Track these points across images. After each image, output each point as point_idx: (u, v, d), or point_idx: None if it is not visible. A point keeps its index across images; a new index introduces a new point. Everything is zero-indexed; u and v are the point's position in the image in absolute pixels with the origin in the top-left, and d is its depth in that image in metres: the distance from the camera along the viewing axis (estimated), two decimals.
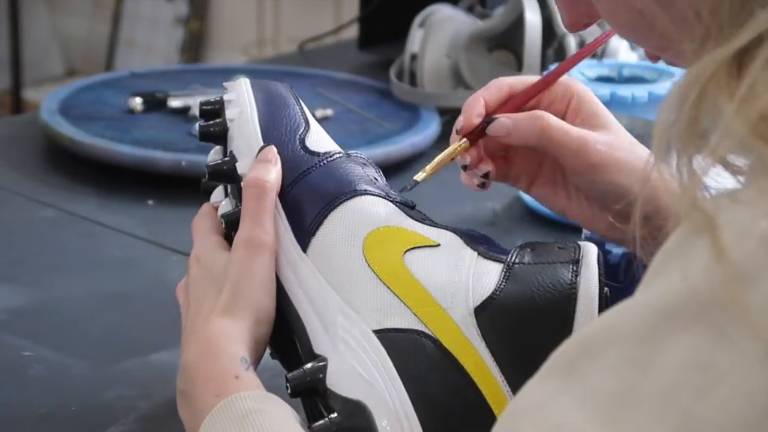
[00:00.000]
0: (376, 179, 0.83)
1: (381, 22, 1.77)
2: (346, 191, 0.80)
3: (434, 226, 0.81)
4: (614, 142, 0.85)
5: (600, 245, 1.01)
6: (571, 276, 0.76)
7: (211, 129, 0.84)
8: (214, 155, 0.85)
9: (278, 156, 0.82)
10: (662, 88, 1.03)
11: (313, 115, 0.86)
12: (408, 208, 0.82)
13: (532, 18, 1.43)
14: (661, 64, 1.07)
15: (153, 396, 0.91)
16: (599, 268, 0.77)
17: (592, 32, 1.48)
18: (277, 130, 0.83)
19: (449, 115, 1.48)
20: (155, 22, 3.84)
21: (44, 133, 1.39)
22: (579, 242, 0.79)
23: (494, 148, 0.88)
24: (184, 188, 1.27)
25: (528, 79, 0.89)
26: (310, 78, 1.61)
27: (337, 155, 0.83)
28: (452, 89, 1.49)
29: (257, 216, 0.80)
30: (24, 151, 1.40)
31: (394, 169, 1.36)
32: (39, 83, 3.85)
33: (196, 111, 1.42)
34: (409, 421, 0.73)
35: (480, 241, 0.80)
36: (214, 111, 0.85)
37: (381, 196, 0.81)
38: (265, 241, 0.79)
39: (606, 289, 0.77)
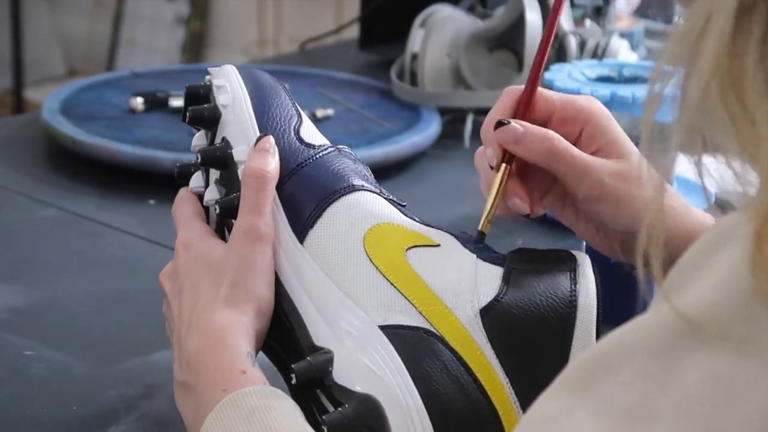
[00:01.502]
0: (366, 175, 0.83)
1: (382, 22, 1.77)
2: (344, 185, 0.81)
3: (429, 226, 0.81)
4: (627, 173, 0.82)
5: None
6: (570, 284, 0.77)
7: (205, 113, 0.83)
8: (200, 140, 0.85)
9: (275, 146, 0.81)
10: None
11: (314, 115, 0.86)
12: (401, 206, 0.82)
13: (533, 18, 1.43)
14: None
15: (154, 395, 0.91)
16: (595, 277, 0.78)
17: (593, 32, 1.48)
18: (271, 119, 0.83)
19: (450, 114, 1.48)
20: (156, 22, 3.85)
21: (45, 133, 1.39)
22: (572, 251, 0.80)
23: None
24: None
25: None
26: (311, 78, 1.61)
27: (330, 149, 0.83)
28: (453, 89, 1.49)
29: (258, 206, 0.79)
30: (25, 150, 1.40)
31: (394, 169, 1.36)
32: (40, 83, 3.86)
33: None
34: (420, 417, 0.74)
35: (472, 242, 0.81)
36: (202, 95, 0.84)
37: (376, 193, 0.82)
38: (266, 233, 0.79)
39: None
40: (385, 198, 0.82)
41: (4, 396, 0.91)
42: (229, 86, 0.84)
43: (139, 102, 1.44)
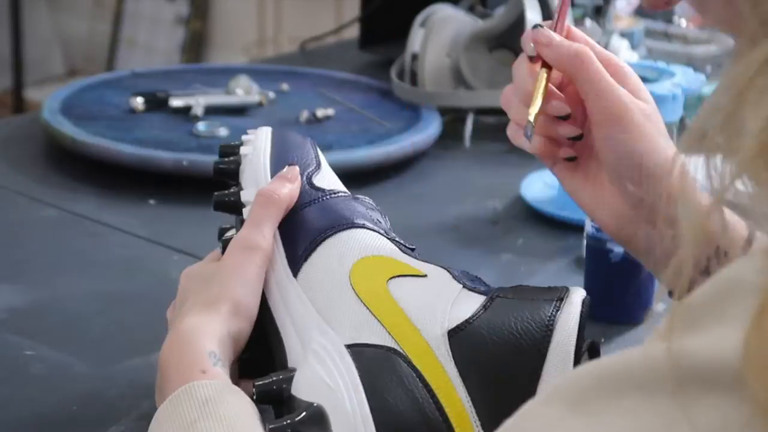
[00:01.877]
0: (379, 221, 0.84)
1: (382, 22, 1.77)
2: (344, 223, 0.82)
3: (428, 263, 0.81)
4: (647, 110, 0.83)
5: (601, 242, 1.01)
6: (552, 310, 0.75)
7: (223, 166, 0.87)
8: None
9: (299, 177, 0.84)
10: (663, 87, 1.03)
11: (314, 115, 0.86)
12: (408, 249, 0.83)
13: (533, 17, 1.43)
14: (662, 64, 1.07)
15: (154, 395, 0.91)
16: (583, 308, 0.76)
17: (593, 31, 1.48)
18: (287, 164, 0.86)
19: (450, 114, 1.49)
20: (156, 21, 3.85)
21: (46, 133, 1.39)
22: (569, 287, 0.78)
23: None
24: (186, 188, 1.28)
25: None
26: (311, 78, 1.61)
27: (342, 193, 0.85)
28: (453, 89, 1.49)
29: (258, 221, 0.81)
30: (26, 150, 1.40)
31: (394, 169, 1.36)
32: (40, 83, 3.86)
33: (197, 111, 1.42)
34: (365, 427, 0.73)
35: (470, 279, 0.80)
36: (232, 151, 0.88)
37: (379, 233, 0.82)
38: (259, 244, 0.81)
39: (591, 341, 0.76)
40: (389, 239, 0.82)
41: (5, 395, 0.91)
42: (256, 139, 0.88)
43: (139, 102, 1.44)
